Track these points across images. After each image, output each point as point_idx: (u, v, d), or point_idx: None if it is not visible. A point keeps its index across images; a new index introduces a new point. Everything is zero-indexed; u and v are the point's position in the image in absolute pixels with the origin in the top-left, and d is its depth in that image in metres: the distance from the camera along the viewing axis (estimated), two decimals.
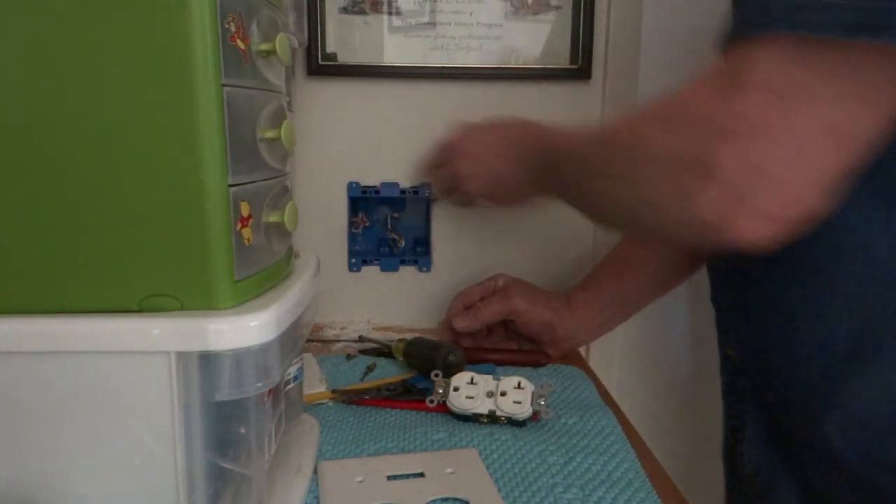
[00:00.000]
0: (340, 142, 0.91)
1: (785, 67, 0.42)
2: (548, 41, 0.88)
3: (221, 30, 0.38)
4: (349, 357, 0.81)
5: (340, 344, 0.87)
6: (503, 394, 0.63)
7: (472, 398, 0.64)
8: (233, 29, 0.39)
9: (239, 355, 0.39)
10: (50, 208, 0.39)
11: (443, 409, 0.65)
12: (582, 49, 0.88)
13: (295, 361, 0.55)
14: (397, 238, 0.95)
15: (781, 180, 0.42)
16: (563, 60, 0.89)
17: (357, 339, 0.88)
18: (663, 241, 0.53)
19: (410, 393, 0.69)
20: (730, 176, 0.43)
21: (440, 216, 0.93)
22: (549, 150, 0.63)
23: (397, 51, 0.88)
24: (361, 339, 0.88)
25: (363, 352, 0.83)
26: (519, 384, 0.64)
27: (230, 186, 0.40)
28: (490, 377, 0.65)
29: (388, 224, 0.95)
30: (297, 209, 0.48)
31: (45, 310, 0.40)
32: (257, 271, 0.43)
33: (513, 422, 0.63)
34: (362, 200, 0.93)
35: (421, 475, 0.55)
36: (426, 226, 0.93)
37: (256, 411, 0.43)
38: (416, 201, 0.93)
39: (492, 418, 0.64)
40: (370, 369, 0.77)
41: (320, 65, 0.88)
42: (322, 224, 0.93)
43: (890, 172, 0.47)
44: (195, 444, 0.40)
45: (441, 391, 0.65)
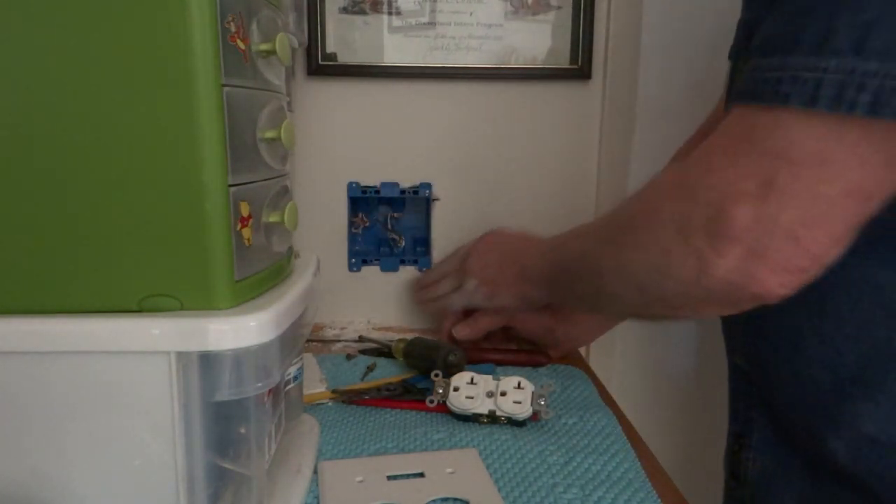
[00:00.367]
0: (340, 142, 0.91)
1: (800, 138, 0.42)
2: (548, 41, 0.88)
3: (221, 30, 0.38)
4: (349, 357, 0.81)
5: (340, 344, 0.87)
6: (503, 394, 0.63)
7: (472, 398, 0.64)
8: (233, 29, 0.39)
9: (239, 355, 0.39)
10: (50, 208, 0.39)
11: (443, 409, 0.65)
12: (582, 49, 0.88)
13: (295, 361, 0.55)
14: (397, 238, 0.95)
15: (802, 238, 0.43)
16: (563, 60, 0.89)
17: (357, 339, 0.88)
18: (680, 316, 0.54)
19: (410, 393, 0.69)
20: (740, 234, 0.44)
21: (440, 216, 0.93)
22: (557, 250, 0.66)
23: (397, 51, 0.88)
24: (361, 339, 0.88)
25: (363, 352, 0.83)
26: (519, 384, 0.64)
27: (230, 186, 0.40)
28: (490, 377, 0.65)
29: (388, 224, 0.95)
30: (297, 209, 0.48)
31: (45, 310, 0.40)
32: (257, 271, 0.43)
33: (513, 422, 0.63)
34: (362, 200, 0.93)
35: (421, 475, 0.55)
36: (426, 226, 0.93)
37: (256, 411, 0.43)
38: (416, 201, 0.93)
39: (492, 418, 0.64)
40: (370, 369, 0.77)
41: (320, 65, 0.88)
42: (322, 224, 0.93)
43: (894, 206, 0.47)
44: (195, 444, 0.40)
45: (441, 391, 0.65)
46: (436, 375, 0.67)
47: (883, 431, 0.51)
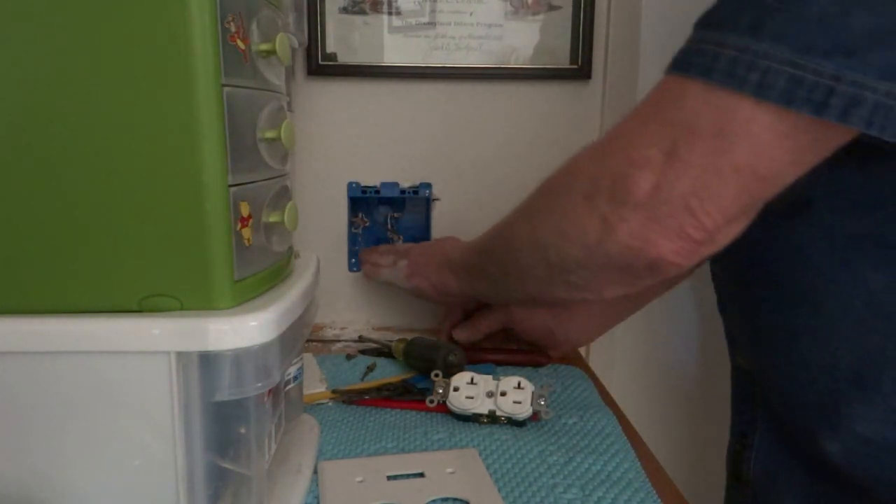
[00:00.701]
0: (340, 142, 0.91)
1: (699, 108, 0.43)
2: (548, 41, 0.88)
3: (221, 30, 0.38)
4: (349, 357, 0.81)
5: (340, 344, 0.87)
6: (503, 394, 0.63)
7: (472, 398, 0.64)
8: (233, 29, 0.39)
9: (239, 355, 0.39)
10: (50, 208, 0.39)
11: (443, 409, 0.65)
12: (582, 49, 0.88)
13: (295, 361, 0.55)
14: (397, 238, 0.95)
15: (695, 209, 0.44)
16: (563, 60, 0.89)
17: (357, 339, 0.88)
18: (582, 296, 0.56)
19: (410, 393, 0.69)
20: (643, 198, 0.45)
21: (440, 216, 0.93)
22: (481, 238, 0.69)
23: (397, 51, 0.88)
24: (361, 339, 0.88)
25: (363, 352, 0.83)
26: (519, 384, 0.64)
27: (230, 186, 0.40)
28: (490, 377, 0.65)
29: (388, 224, 0.95)
30: (297, 209, 0.48)
31: (45, 310, 0.39)
32: (257, 271, 0.43)
33: (513, 422, 0.63)
34: (362, 200, 0.93)
35: (421, 475, 0.55)
36: (426, 226, 0.93)
37: (256, 411, 0.43)
38: (416, 201, 0.93)
39: (492, 418, 0.64)
40: (370, 369, 0.77)
41: (320, 65, 0.88)
42: (322, 224, 0.93)
43: (883, 211, 0.48)
44: (195, 444, 0.40)
45: (441, 391, 0.65)
46: (436, 375, 0.67)
47: (878, 433, 0.51)
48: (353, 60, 0.88)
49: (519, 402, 0.63)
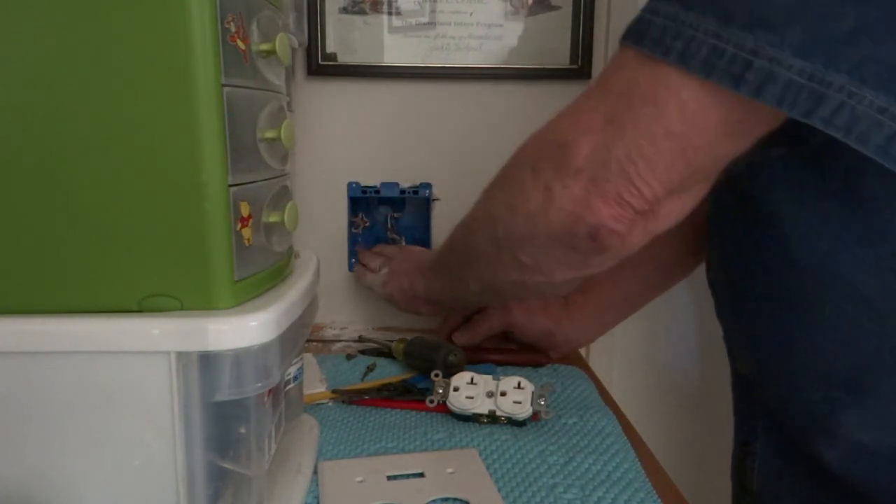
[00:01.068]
0: (340, 142, 0.91)
1: (636, 75, 0.44)
2: (548, 41, 0.88)
3: (221, 30, 0.38)
4: (349, 357, 0.81)
5: (340, 344, 0.87)
6: (503, 394, 0.63)
7: (472, 398, 0.64)
8: (233, 29, 0.39)
9: (239, 355, 0.39)
10: (50, 208, 0.39)
11: (443, 409, 0.65)
12: (582, 49, 0.88)
13: (295, 361, 0.55)
14: (397, 238, 0.95)
15: (631, 174, 0.44)
16: (563, 60, 0.89)
17: (357, 339, 0.88)
18: (532, 280, 0.55)
19: (410, 393, 0.69)
20: (583, 163, 0.45)
21: (440, 216, 0.93)
22: (443, 245, 0.69)
23: (397, 51, 0.88)
24: (361, 339, 0.88)
25: (363, 352, 0.83)
26: (519, 384, 0.64)
27: (230, 186, 0.40)
28: (490, 377, 0.65)
29: (389, 224, 0.95)
30: (297, 209, 0.48)
31: (45, 310, 0.39)
32: (257, 271, 0.43)
33: (513, 422, 0.63)
34: (362, 200, 0.93)
35: (421, 475, 0.54)
36: (426, 226, 0.93)
37: (256, 411, 0.43)
38: (416, 201, 0.93)
39: (492, 418, 0.64)
40: (370, 369, 0.77)
41: (320, 65, 0.88)
42: (322, 224, 0.93)
43: (873, 209, 0.47)
44: (195, 444, 0.40)
45: (441, 391, 0.65)
46: (436, 375, 0.67)
47: (876, 440, 0.50)
48: (353, 60, 0.88)
49: (519, 402, 0.63)
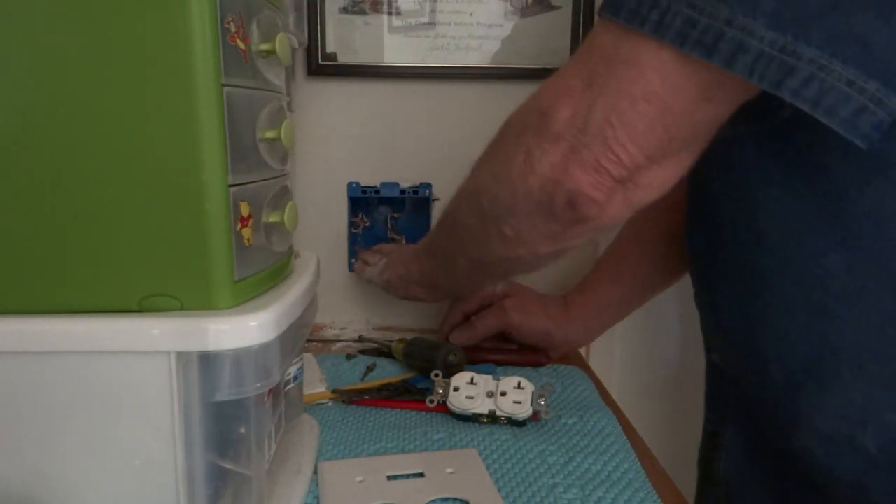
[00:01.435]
0: (340, 142, 0.91)
1: (616, 40, 0.44)
2: (548, 41, 0.88)
3: (221, 30, 0.38)
4: (349, 357, 0.81)
5: (340, 344, 0.87)
6: (503, 394, 0.63)
7: (472, 398, 0.64)
8: (233, 29, 0.39)
9: (239, 355, 0.39)
10: (50, 208, 0.39)
11: (443, 409, 0.65)
12: None
13: (295, 361, 0.55)
14: (397, 238, 0.95)
15: (609, 138, 0.44)
16: (563, 60, 0.89)
17: (357, 339, 0.88)
18: (517, 255, 0.55)
19: (410, 393, 0.69)
20: (562, 128, 0.46)
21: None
22: (435, 225, 0.70)
23: (397, 51, 0.88)
24: (361, 339, 0.88)
25: (363, 352, 0.83)
26: (519, 384, 0.64)
27: (230, 186, 0.40)
28: (490, 377, 0.65)
29: (388, 224, 0.95)
30: (297, 209, 0.48)
31: (45, 310, 0.39)
32: (257, 271, 0.43)
33: (513, 422, 0.63)
34: (362, 200, 0.93)
35: (421, 475, 0.55)
36: (426, 226, 0.93)
37: (256, 411, 0.43)
38: (417, 201, 0.93)
39: (492, 418, 0.64)
40: (370, 369, 0.77)
41: (320, 65, 0.88)
42: (322, 224, 0.93)
43: (839, 187, 0.46)
44: (195, 444, 0.40)
45: (441, 391, 0.65)
46: (436, 375, 0.67)
47: (836, 428, 0.50)
48: (353, 60, 0.88)
49: (519, 402, 0.63)
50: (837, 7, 0.38)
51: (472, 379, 0.65)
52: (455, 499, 0.52)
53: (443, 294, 0.80)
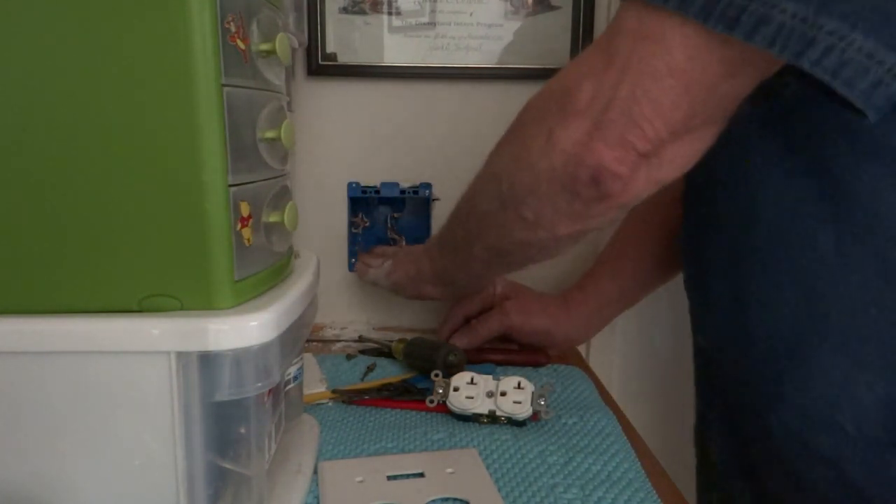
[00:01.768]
0: (340, 142, 0.91)
1: (640, 16, 0.44)
2: (548, 41, 0.88)
3: (221, 30, 0.38)
4: (349, 357, 0.81)
5: (340, 344, 0.87)
6: (503, 394, 0.63)
7: (472, 398, 0.64)
8: (233, 29, 0.39)
9: (239, 355, 0.39)
10: (50, 208, 0.39)
11: (443, 409, 0.65)
12: (582, 49, 0.88)
13: (295, 361, 0.55)
14: (398, 238, 0.95)
15: (634, 113, 0.44)
16: (563, 60, 0.89)
17: (357, 339, 0.88)
18: (537, 238, 0.55)
19: (410, 393, 0.69)
20: (585, 105, 0.46)
21: (440, 216, 0.93)
22: (447, 220, 0.69)
23: (397, 51, 0.88)
24: (361, 339, 0.88)
25: (363, 352, 0.83)
26: (519, 384, 0.64)
27: (230, 186, 0.40)
28: (490, 377, 0.65)
29: (388, 224, 0.95)
30: (297, 209, 0.48)
31: (45, 310, 0.39)
32: (257, 271, 0.43)
33: (513, 422, 0.63)
34: (362, 200, 0.93)
35: (421, 475, 0.55)
36: (426, 226, 0.93)
37: (256, 411, 0.43)
38: (416, 201, 0.93)
39: (492, 418, 0.64)
40: (370, 369, 0.77)
41: (320, 65, 0.88)
42: (322, 224, 0.93)
43: (834, 167, 0.47)
44: (195, 444, 0.40)
45: (441, 391, 0.65)
46: (436, 375, 0.67)
47: (814, 406, 0.50)
48: (353, 60, 0.88)
49: (519, 402, 0.63)
50: None
51: (472, 379, 0.65)
52: (455, 499, 0.52)
53: (457, 290, 0.79)
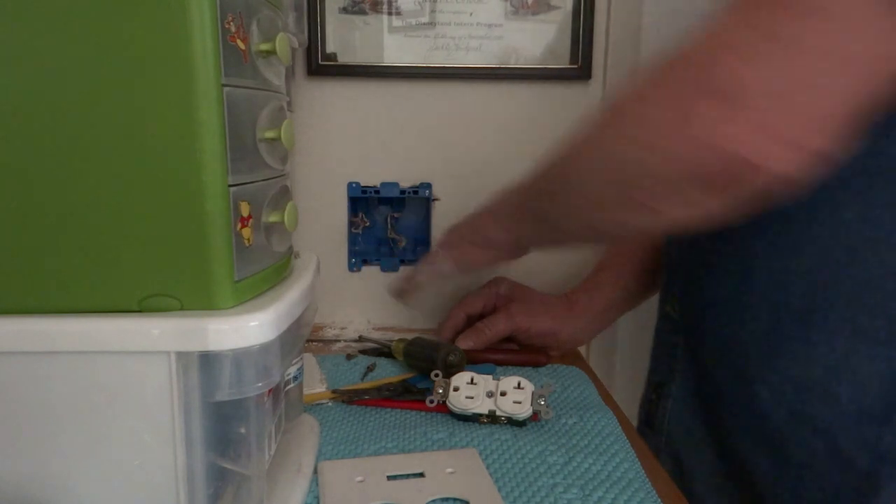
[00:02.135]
0: (340, 142, 0.91)
1: None
2: (548, 41, 0.88)
3: (221, 30, 0.38)
4: (349, 357, 0.81)
5: (340, 344, 0.87)
6: (503, 394, 0.63)
7: (472, 398, 0.64)
8: (233, 29, 0.39)
9: (239, 355, 0.39)
10: (50, 208, 0.39)
11: (443, 409, 0.65)
12: (582, 49, 0.88)
13: (295, 361, 0.55)
14: (398, 238, 0.95)
15: (805, 104, 0.39)
16: (563, 60, 0.89)
17: (357, 339, 0.88)
18: (647, 214, 0.47)
19: (410, 393, 0.69)
20: (732, 88, 0.39)
21: (440, 216, 0.93)
22: (528, 181, 0.58)
23: (397, 51, 0.88)
24: (361, 339, 0.88)
25: (363, 352, 0.83)
26: (519, 384, 0.64)
27: (230, 186, 0.40)
28: (490, 377, 0.65)
29: (388, 224, 0.95)
30: (297, 209, 0.48)
31: (45, 310, 0.39)
32: (257, 271, 0.43)
33: (513, 422, 0.63)
34: (362, 200, 0.93)
35: (421, 475, 0.55)
36: (426, 226, 0.93)
37: (256, 411, 0.43)
38: (416, 201, 0.93)
39: (492, 418, 0.64)
40: (370, 369, 0.77)
41: (320, 65, 0.88)
42: (322, 224, 0.93)
43: (869, 143, 0.45)
44: (195, 444, 0.40)
45: (441, 391, 0.65)
46: (436, 375, 0.67)
47: (809, 374, 0.50)
48: (353, 60, 0.88)
49: (519, 402, 0.63)
50: None
51: (472, 379, 0.65)
52: (455, 499, 0.52)
53: (528, 248, 0.67)
